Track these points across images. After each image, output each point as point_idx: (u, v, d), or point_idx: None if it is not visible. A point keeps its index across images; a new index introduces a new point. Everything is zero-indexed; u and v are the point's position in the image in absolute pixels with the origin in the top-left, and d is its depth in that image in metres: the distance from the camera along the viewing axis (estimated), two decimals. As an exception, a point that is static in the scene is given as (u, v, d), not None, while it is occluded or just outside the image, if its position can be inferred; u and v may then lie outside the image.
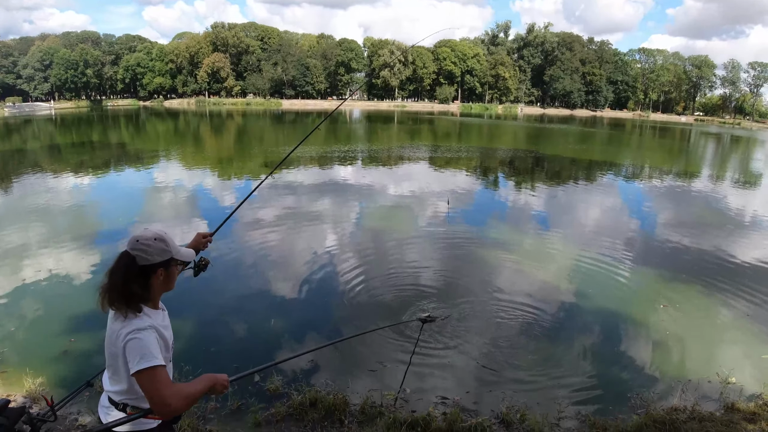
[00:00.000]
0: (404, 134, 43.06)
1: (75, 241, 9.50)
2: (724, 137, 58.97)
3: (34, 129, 37.63)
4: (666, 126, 77.47)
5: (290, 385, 4.91)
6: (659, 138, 52.69)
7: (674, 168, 26.05)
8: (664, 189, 18.57)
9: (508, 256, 9.48)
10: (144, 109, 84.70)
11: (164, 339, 2.20)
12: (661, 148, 39.39)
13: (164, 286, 2.28)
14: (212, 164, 21.85)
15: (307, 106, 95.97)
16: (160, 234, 2.23)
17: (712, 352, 5.99)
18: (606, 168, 24.43)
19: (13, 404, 3.83)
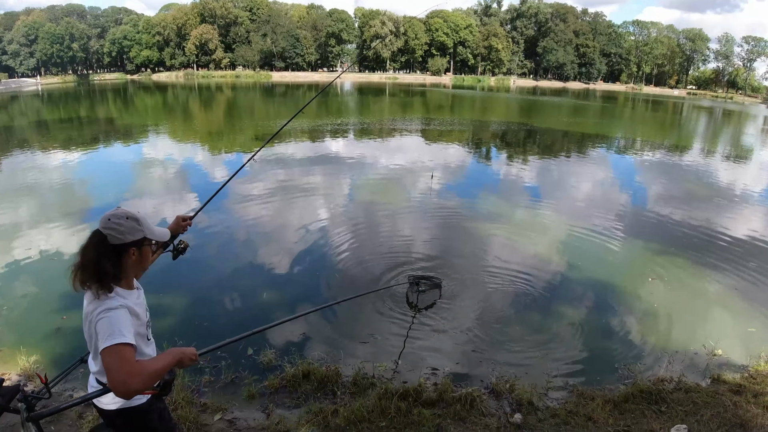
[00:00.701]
0: (396, 107, 42.74)
1: (65, 218, 9.41)
2: (717, 111, 59.05)
3: (20, 105, 36.99)
4: (658, 99, 77.33)
5: (283, 357, 4.98)
6: (652, 111, 52.64)
7: (666, 141, 26.09)
8: (656, 162, 18.63)
9: (500, 228, 9.52)
10: (132, 83, 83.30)
11: (139, 318, 2.18)
12: (653, 122, 39.42)
13: (138, 265, 2.25)
14: (202, 138, 21.64)
15: (297, 78, 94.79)
16: (133, 213, 2.18)
17: (700, 325, 6.06)
18: (598, 141, 24.45)
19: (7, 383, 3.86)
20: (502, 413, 4.17)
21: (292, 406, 4.26)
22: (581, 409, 4.18)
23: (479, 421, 4.03)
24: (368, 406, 4.08)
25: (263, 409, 4.20)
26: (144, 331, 2.23)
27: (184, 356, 2.16)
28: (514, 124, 31.53)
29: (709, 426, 3.95)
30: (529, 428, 3.99)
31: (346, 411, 4.03)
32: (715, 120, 47.56)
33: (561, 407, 4.29)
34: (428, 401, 4.23)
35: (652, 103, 67.37)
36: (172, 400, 4.10)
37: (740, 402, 4.31)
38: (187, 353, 2.18)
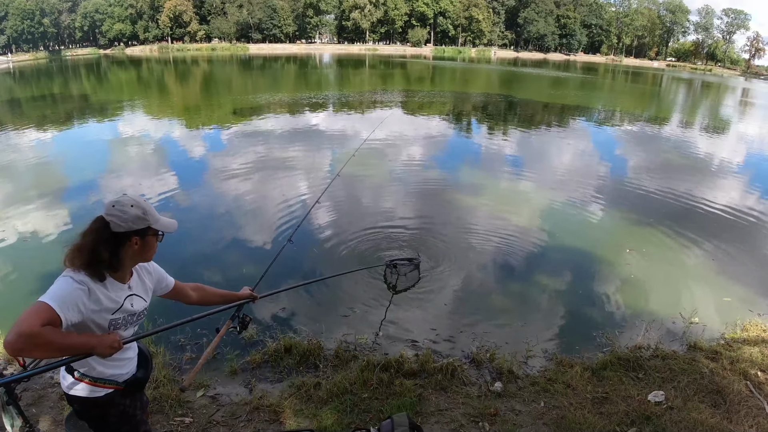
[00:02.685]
0: (376, 79, 42.26)
1: (41, 198, 9.20)
2: (696, 83, 59.52)
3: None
4: (639, 71, 77.62)
5: (265, 333, 4.98)
6: (631, 83, 52.86)
7: (645, 113, 26.27)
8: (635, 134, 18.77)
9: (481, 200, 9.56)
10: (105, 58, 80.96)
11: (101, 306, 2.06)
12: (633, 93, 39.63)
13: (139, 256, 2.17)
14: (179, 114, 21.20)
15: (275, 50, 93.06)
16: (138, 201, 2.10)
17: (676, 295, 6.17)
18: (578, 113, 24.53)
19: None
20: (483, 382, 4.24)
21: (275, 380, 4.27)
22: (560, 377, 4.26)
23: (460, 390, 4.08)
24: (350, 378, 4.11)
25: (246, 384, 4.20)
26: (103, 323, 2.09)
27: (100, 345, 2.00)
28: (495, 95, 31.45)
29: (686, 392, 4.05)
30: (510, 396, 4.05)
31: (329, 384, 4.05)
32: (694, 92, 47.98)
33: (540, 375, 4.37)
34: (410, 372, 4.28)
35: (632, 74, 67.62)
36: (153, 378, 4.07)
37: (716, 369, 4.41)
38: (105, 341, 2.02)
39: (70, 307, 1.92)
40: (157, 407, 3.79)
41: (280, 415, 3.76)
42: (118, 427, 2.29)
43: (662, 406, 3.86)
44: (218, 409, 3.86)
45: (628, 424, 3.67)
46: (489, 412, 3.81)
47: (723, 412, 3.82)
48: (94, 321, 2.05)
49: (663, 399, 3.93)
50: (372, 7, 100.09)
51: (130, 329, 2.25)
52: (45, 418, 3.67)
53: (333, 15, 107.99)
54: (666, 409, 3.83)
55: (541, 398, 4.02)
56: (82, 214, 8.38)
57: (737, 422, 3.70)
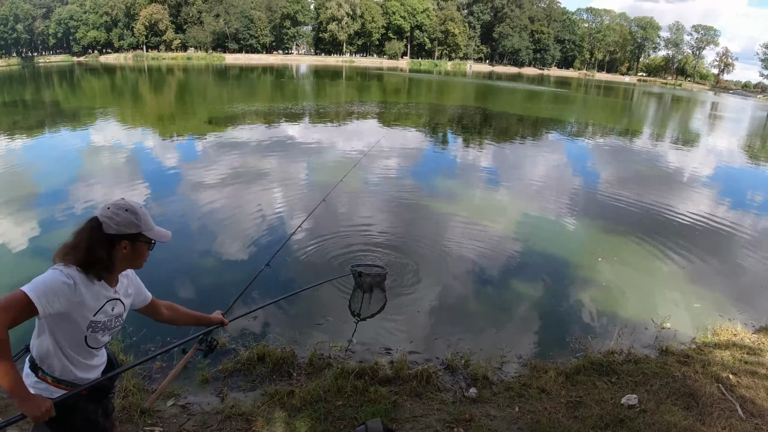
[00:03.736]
0: (353, 90, 42.42)
1: (8, 206, 8.94)
2: (666, 97, 61.16)
3: None
4: (610, 85, 79.52)
5: (237, 341, 4.89)
6: (603, 97, 54.07)
7: (617, 126, 26.89)
8: (607, 146, 19.19)
9: (455, 210, 9.61)
10: (78, 65, 79.42)
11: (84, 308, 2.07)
12: (605, 107, 40.53)
13: (129, 261, 2.19)
14: (153, 123, 20.87)
15: (251, 60, 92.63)
16: (133, 206, 2.13)
17: (648, 302, 6.27)
18: (551, 125, 24.97)
19: None
20: (458, 388, 4.23)
21: (247, 389, 4.19)
22: (534, 382, 4.28)
23: (435, 397, 4.07)
24: (324, 386, 4.06)
25: (217, 393, 4.11)
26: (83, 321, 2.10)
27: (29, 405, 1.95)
28: (471, 108, 31.81)
29: (658, 395, 4.10)
30: (484, 402, 4.05)
31: (302, 392, 3.99)
32: (665, 106, 49.26)
33: (515, 380, 4.38)
34: (384, 379, 4.24)
35: (604, 89, 69.20)
36: (122, 387, 3.97)
37: (688, 372, 4.49)
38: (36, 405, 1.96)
39: (51, 297, 1.93)
40: (126, 417, 3.69)
41: (253, 423, 3.69)
42: (78, 429, 2.23)
43: (635, 410, 3.90)
44: (189, 419, 3.77)
45: (602, 428, 3.70)
46: (464, 417, 3.80)
47: (696, 414, 3.88)
48: (75, 317, 2.06)
49: (636, 402, 3.97)
50: (349, 19, 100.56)
51: (107, 335, 2.25)
52: (11, 427, 3.53)
53: (310, 26, 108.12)
54: (639, 412, 3.87)
55: (515, 403, 4.02)
56: (52, 223, 8.17)
57: (710, 424, 3.76)
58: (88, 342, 2.17)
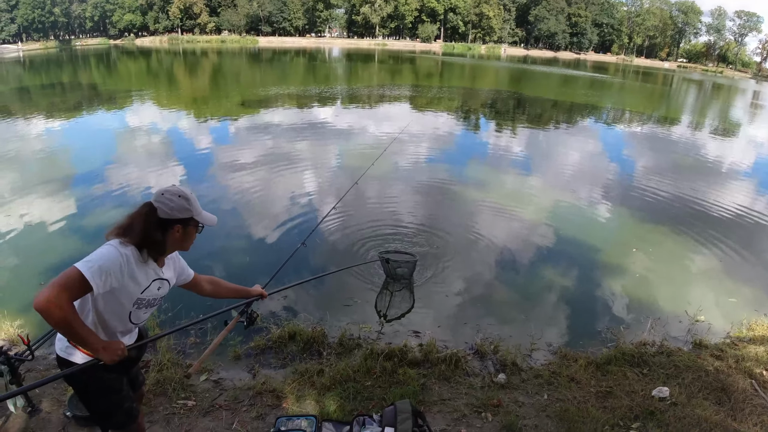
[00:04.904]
0: (385, 73, 42.24)
1: (47, 186, 9.20)
2: (706, 84, 59.01)
3: (2, 72, 35.86)
4: (649, 71, 77.07)
5: (269, 319, 4.99)
6: (642, 83, 52.51)
7: (655, 114, 26.08)
8: (644, 134, 18.66)
9: (486, 196, 9.53)
10: (114, 48, 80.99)
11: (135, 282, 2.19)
12: (642, 93, 39.37)
13: (179, 244, 2.32)
14: (187, 105, 21.20)
15: (284, 43, 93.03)
16: (185, 192, 2.26)
17: (683, 294, 6.13)
18: (587, 112, 24.41)
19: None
20: (486, 373, 4.24)
21: (278, 366, 4.28)
22: (564, 370, 4.25)
23: (464, 381, 4.08)
24: (354, 365, 4.12)
25: (249, 369, 4.22)
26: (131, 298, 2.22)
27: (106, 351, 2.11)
28: (504, 92, 31.34)
29: (690, 389, 4.03)
30: (513, 388, 4.05)
31: (332, 371, 4.06)
32: (705, 93, 47.56)
33: (544, 368, 4.36)
34: (413, 361, 4.28)
35: (643, 74, 67.15)
36: (156, 361, 4.10)
37: (721, 367, 4.39)
38: (112, 348, 2.13)
39: (105, 276, 2.02)
40: (160, 390, 3.82)
41: (283, 400, 3.77)
42: (99, 397, 2.34)
43: (666, 402, 3.84)
44: (221, 393, 3.87)
45: (631, 419, 3.66)
46: (492, 402, 3.81)
47: (727, 410, 3.80)
48: (124, 293, 2.17)
49: (667, 395, 3.92)
50: (382, 2, 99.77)
51: (148, 311, 2.38)
52: (47, 399, 3.69)
53: (343, 9, 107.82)
54: (670, 405, 3.82)
55: (544, 391, 4.01)
56: (88, 203, 8.44)
57: (741, 420, 3.68)
58: (131, 318, 2.29)
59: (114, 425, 2.45)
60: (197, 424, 3.52)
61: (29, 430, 3.40)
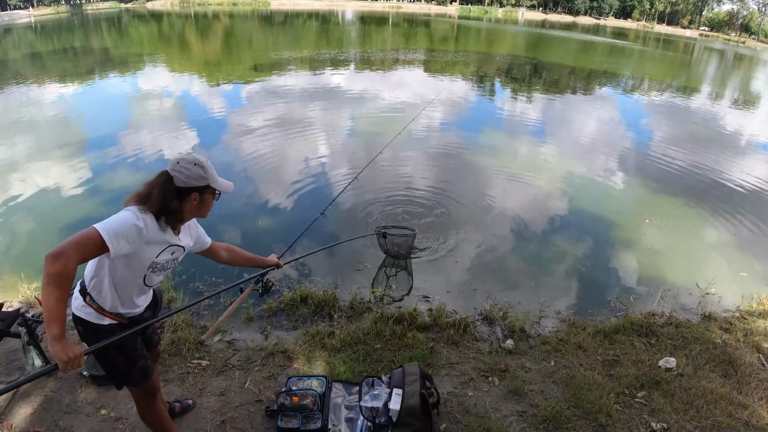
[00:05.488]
0: (399, 37, 41.50)
1: (61, 152, 9.26)
2: (728, 54, 57.24)
3: (13, 38, 35.60)
4: (670, 39, 74.83)
5: (281, 282, 5.07)
6: (662, 50, 51.14)
7: (674, 83, 25.47)
8: (662, 104, 18.26)
9: (500, 163, 9.48)
10: (126, 12, 79.94)
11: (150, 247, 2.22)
12: (663, 61, 38.36)
13: (196, 211, 2.35)
14: (199, 69, 21.03)
15: (297, 6, 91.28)
16: (201, 160, 2.27)
17: (694, 266, 6.11)
18: (605, 79, 23.89)
19: (8, 308, 3.92)
20: (494, 339, 4.29)
21: (290, 328, 4.37)
22: (572, 338, 4.30)
23: (472, 346, 4.14)
24: (364, 328, 4.20)
25: (261, 331, 4.31)
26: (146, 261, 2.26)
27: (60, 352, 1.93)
28: (521, 57, 30.71)
29: (697, 360, 4.06)
30: (520, 354, 4.10)
31: (342, 333, 4.14)
32: (726, 64, 46.23)
33: (552, 335, 4.41)
34: (422, 325, 4.35)
35: (664, 42, 65.32)
36: (171, 322, 4.20)
37: (729, 340, 4.41)
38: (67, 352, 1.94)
39: (122, 239, 2.07)
40: (175, 350, 3.92)
41: (294, 360, 3.87)
42: (114, 356, 2.41)
43: (672, 373, 3.88)
44: (234, 354, 3.97)
45: (637, 388, 3.71)
46: (499, 367, 3.87)
47: (733, 383, 3.83)
48: (139, 258, 2.21)
49: (674, 366, 3.95)
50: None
51: (162, 274, 2.42)
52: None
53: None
54: (676, 375, 3.86)
55: (551, 357, 4.06)
56: (103, 167, 8.50)
57: (747, 393, 3.72)
58: (145, 281, 2.34)
59: (129, 383, 2.52)
60: (211, 383, 3.62)
61: (47, 388, 3.50)
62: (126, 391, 2.79)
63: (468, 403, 3.51)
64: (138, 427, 3.16)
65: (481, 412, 3.42)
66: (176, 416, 3.25)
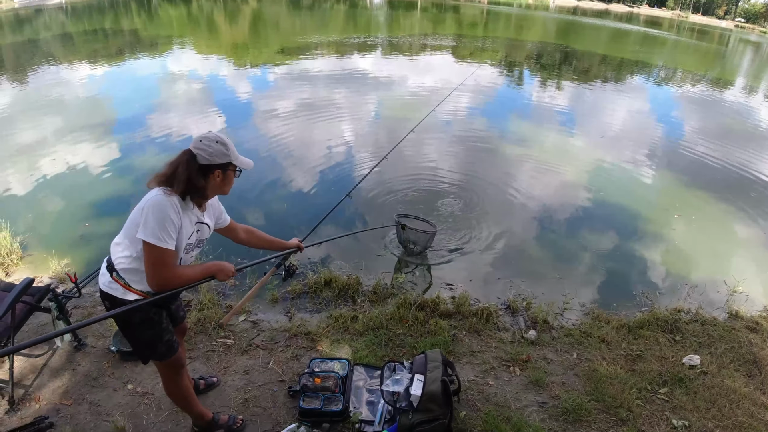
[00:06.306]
0: (427, 22, 41.02)
1: (90, 131, 9.42)
2: (764, 47, 55.30)
3: (45, 19, 36.01)
4: (705, 29, 72.50)
5: (306, 265, 5.14)
6: (697, 41, 49.68)
7: (708, 74, 24.74)
8: (695, 96, 17.77)
9: (526, 151, 9.37)
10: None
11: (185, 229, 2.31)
12: (697, 52, 37.26)
13: (219, 188, 2.42)
14: (227, 52, 21.11)
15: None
16: (222, 138, 2.34)
17: (723, 264, 5.99)
18: (637, 68, 23.31)
19: (39, 284, 4.04)
20: (517, 329, 4.28)
21: (314, 310, 4.43)
22: (596, 331, 4.27)
23: (494, 335, 4.15)
24: (387, 314, 4.23)
25: (285, 312, 4.38)
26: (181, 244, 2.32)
27: (222, 270, 2.44)
28: (551, 45, 30.09)
29: (722, 359, 4.01)
30: (543, 345, 4.09)
31: (365, 317, 4.18)
32: (762, 57, 44.72)
33: (575, 328, 4.38)
34: (445, 313, 4.36)
35: (698, 32, 63.39)
36: (197, 301, 4.29)
37: (755, 339, 4.34)
38: (225, 268, 2.45)
39: (169, 234, 2.19)
40: (201, 328, 4.02)
41: (317, 343, 3.92)
42: (141, 330, 2.47)
43: (696, 371, 3.84)
44: (258, 334, 4.04)
45: (660, 384, 3.68)
46: (521, 358, 3.87)
47: (757, 383, 3.78)
48: (179, 242, 2.29)
49: (698, 363, 3.90)
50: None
51: (193, 253, 2.51)
52: (93, 334, 3.92)
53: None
54: (700, 373, 3.81)
55: (574, 350, 4.04)
56: (130, 147, 8.64)
57: (770, 395, 3.65)
58: (180, 263, 2.39)
59: (154, 357, 2.58)
60: (235, 362, 3.70)
61: (75, 363, 3.62)
62: (153, 367, 2.86)
63: (488, 392, 3.52)
64: (163, 402, 3.25)
65: (501, 401, 3.44)
66: (201, 393, 3.33)
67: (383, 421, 3.18)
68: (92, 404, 3.27)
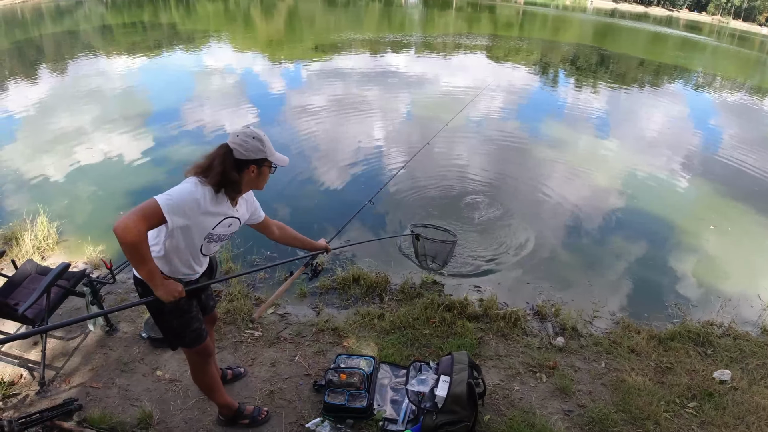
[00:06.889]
0: (462, 22, 40.73)
1: (126, 122, 9.65)
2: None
3: (85, 11, 36.84)
4: (745, 36, 70.25)
5: (335, 262, 5.19)
6: (737, 47, 48.21)
7: (748, 82, 24.00)
8: (735, 103, 17.26)
9: (558, 155, 9.25)
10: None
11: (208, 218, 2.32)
12: (737, 59, 36.17)
13: (253, 183, 2.44)
14: (263, 47, 21.35)
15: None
16: (259, 134, 2.35)
17: (758, 278, 5.83)
18: (675, 73, 22.77)
19: (74, 269, 4.16)
20: (545, 335, 4.25)
21: (341, 306, 4.47)
22: (625, 341, 4.20)
23: (521, 340, 4.12)
24: (414, 313, 4.24)
25: (313, 307, 4.43)
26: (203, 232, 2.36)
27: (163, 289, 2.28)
28: (587, 47, 29.58)
29: (753, 375, 3.91)
30: (571, 352, 4.05)
31: (392, 316, 4.20)
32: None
33: (605, 337, 4.32)
34: (472, 315, 4.35)
35: (738, 38, 61.51)
36: (228, 292, 4.37)
37: (788, 356, 4.22)
38: (169, 289, 2.29)
39: (180, 212, 2.17)
40: (230, 319, 4.09)
41: (344, 339, 3.96)
42: (171, 317, 2.53)
43: (726, 386, 3.76)
44: (286, 327, 4.10)
45: (688, 398, 3.61)
46: (548, 364, 3.84)
47: (787, 402, 3.67)
48: (197, 229, 2.32)
49: (728, 378, 3.82)
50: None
51: (218, 244, 2.54)
52: (125, 320, 4.03)
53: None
54: (730, 388, 3.73)
55: (602, 359, 3.99)
56: (165, 138, 8.84)
57: (801, 413, 3.55)
58: (202, 250, 2.45)
59: (183, 344, 2.65)
60: (262, 353, 3.76)
61: (106, 347, 3.73)
62: (182, 355, 2.93)
63: (514, 397, 3.51)
64: (191, 389, 3.32)
65: (526, 407, 3.42)
66: (228, 383, 3.40)
67: (407, 421, 3.20)
68: (121, 388, 3.36)
